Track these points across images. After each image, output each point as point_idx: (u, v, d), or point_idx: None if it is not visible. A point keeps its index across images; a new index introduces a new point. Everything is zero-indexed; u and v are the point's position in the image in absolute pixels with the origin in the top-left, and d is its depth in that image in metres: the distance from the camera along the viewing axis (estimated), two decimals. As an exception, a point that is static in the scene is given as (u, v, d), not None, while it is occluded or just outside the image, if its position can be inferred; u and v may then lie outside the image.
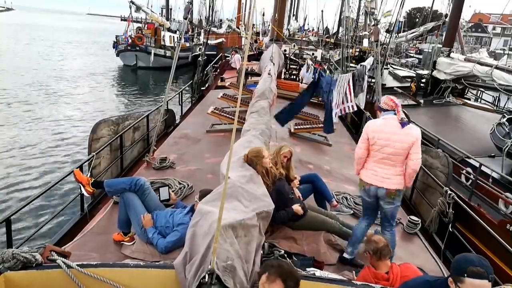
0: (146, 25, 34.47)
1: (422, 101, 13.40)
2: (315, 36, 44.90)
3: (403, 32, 27.17)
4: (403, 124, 3.93)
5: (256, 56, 18.23)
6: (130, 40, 31.04)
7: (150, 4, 35.15)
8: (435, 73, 13.77)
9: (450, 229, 5.43)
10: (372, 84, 12.84)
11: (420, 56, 29.64)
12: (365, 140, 4.05)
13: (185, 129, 9.15)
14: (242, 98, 9.69)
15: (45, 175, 10.37)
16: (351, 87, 8.44)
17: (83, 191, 4.36)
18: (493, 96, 16.07)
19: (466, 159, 8.04)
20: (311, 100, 12.67)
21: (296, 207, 4.20)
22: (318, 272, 3.06)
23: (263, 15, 47.09)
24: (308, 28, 57.83)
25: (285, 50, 16.64)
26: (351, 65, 16.48)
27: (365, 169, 4.14)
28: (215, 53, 27.69)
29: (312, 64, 10.87)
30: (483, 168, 6.92)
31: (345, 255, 4.16)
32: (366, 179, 4.11)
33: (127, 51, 31.02)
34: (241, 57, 17.77)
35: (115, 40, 33.02)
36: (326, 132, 8.73)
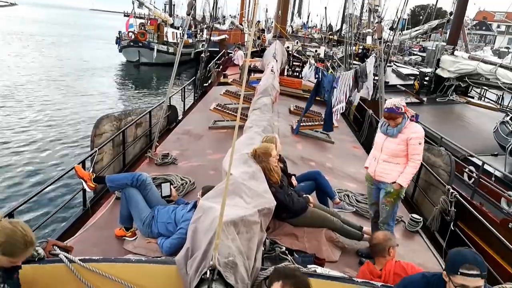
0: (149, 21, 34.44)
1: (425, 99, 13.35)
2: (318, 33, 44.78)
3: (407, 29, 27.08)
4: None
5: (259, 53, 18.19)
6: (132, 36, 31.05)
7: (153, 0, 35.12)
8: (438, 71, 13.71)
9: (452, 228, 5.42)
10: (375, 82, 12.81)
11: (424, 54, 29.50)
12: None
13: (187, 125, 9.16)
14: (244, 94, 9.69)
15: (47, 170, 10.40)
16: (350, 87, 8.50)
17: (85, 187, 4.38)
18: (497, 95, 15.99)
19: (469, 157, 8.02)
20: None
21: (309, 197, 4.38)
22: (319, 269, 3.05)
23: (266, 11, 47.03)
24: (313, 26, 57.68)
25: (288, 47, 16.58)
26: (354, 62, 16.43)
27: None
28: (218, 49, 27.68)
29: (313, 64, 10.85)
30: (485, 166, 6.90)
31: None
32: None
33: (130, 47, 31.00)
34: (244, 53, 17.74)
35: (118, 36, 33.02)
36: (326, 131, 8.98)
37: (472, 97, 15.06)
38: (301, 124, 9.10)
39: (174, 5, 42.22)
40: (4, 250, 2.18)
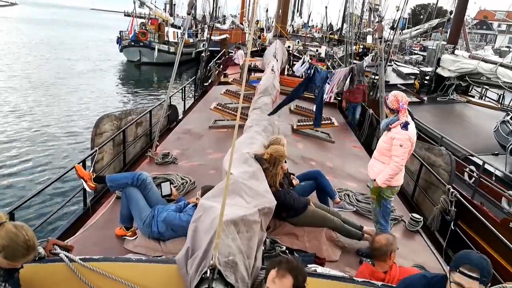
0: (149, 21, 34.43)
1: (425, 98, 13.33)
2: (319, 32, 44.74)
3: (407, 29, 27.06)
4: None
5: (259, 52, 18.17)
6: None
7: (154, 0, 35.14)
8: (439, 70, 13.69)
9: (452, 227, 5.42)
10: (375, 81, 12.79)
11: (424, 53, 29.44)
12: (409, 150, 4.15)
13: (188, 124, 9.15)
14: (245, 94, 9.69)
15: (48, 170, 10.41)
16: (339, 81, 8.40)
17: (85, 186, 4.38)
18: (497, 94, 15.97)
19: (470, 157, 8.01)
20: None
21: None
22: (319, 269, 3.06)
23: (267, 11, 46.96)
24: (313, 25, 57.68)
25: (288, 47, 16.56)
26: (355, 61, 16.39)
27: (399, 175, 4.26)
28: (218, 49, 27.65)
29: (308, 60, 10.85)
30: (486, 166, 6.89)
31: None
32: (399, 183, 4.31)
33: (131, 46, 30.99)
34: (244, 53, 17.72)
35: (119, 36, 33.02)
36: (315, 127, 8.80)
37: (473, 96, 15.04)
38: (302, 123, 9.10)
39: (174, 4, 42.26)
40: (6, 254, 2.18)
